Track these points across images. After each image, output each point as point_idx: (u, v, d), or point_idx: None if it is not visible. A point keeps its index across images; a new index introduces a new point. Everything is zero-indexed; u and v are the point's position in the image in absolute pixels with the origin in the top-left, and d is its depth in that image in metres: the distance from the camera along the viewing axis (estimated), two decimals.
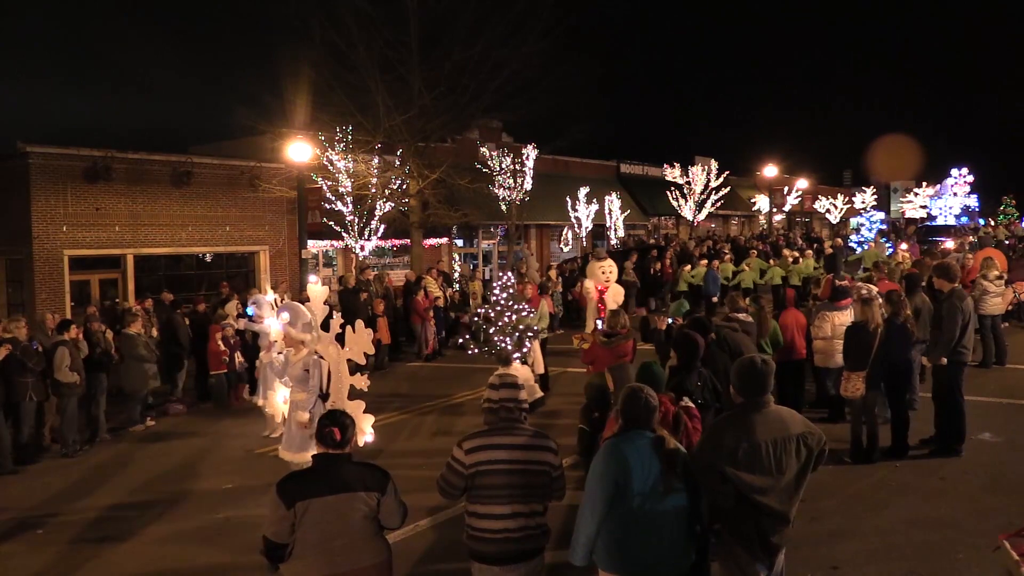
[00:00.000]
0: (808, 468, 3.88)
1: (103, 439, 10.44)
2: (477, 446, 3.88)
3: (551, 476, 3.99)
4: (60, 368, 9.65)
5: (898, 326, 7.83)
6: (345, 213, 18.48)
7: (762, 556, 3.85)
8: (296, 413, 7.26)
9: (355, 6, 18.20)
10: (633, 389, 3.94)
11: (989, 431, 8.32)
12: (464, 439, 3.94)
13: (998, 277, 12.00)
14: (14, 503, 8.11)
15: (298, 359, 7.41)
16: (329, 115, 18.23)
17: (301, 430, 7.14)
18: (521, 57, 19.19)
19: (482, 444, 3.89)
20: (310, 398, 7.27)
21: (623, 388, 4.09)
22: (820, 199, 43.00)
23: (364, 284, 15.78)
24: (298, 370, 7.35)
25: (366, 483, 3.81)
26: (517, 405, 4.02)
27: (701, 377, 5.70)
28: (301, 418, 7.17)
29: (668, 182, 30.64)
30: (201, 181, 17.84)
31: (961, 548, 5.74)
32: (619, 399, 3.98)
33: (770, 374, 3.95)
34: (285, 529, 3.72)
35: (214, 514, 7.38)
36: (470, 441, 3.92)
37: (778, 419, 3.89)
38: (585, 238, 28.01)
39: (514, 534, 3.85)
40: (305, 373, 7.32)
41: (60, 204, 15.76)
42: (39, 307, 14.78)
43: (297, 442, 7.21)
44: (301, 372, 7.34)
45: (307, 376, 7.31)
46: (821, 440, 3.91)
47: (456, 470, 3.89)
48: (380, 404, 11.55)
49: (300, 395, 7.32)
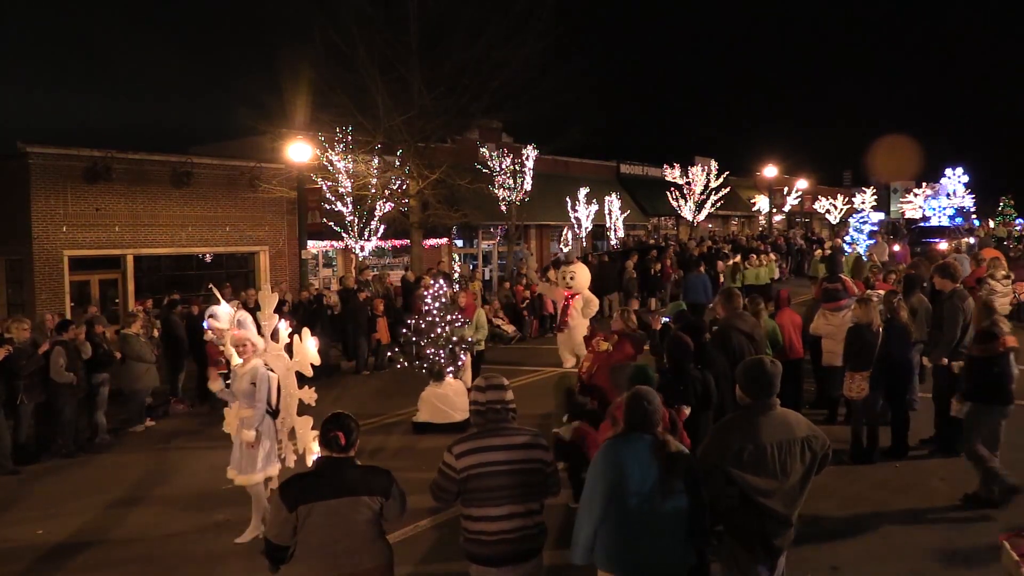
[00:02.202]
0: (812, 472, 3.87)
1: (103, 439, 10.44)
2: (467, 450, 3.86)
3: (544, 473, 3.97)
4: (55, 368, 9.64)
5: (897, 327, 7.84)
6: (345, 213, 18.48)
7: (764, 558, 3.85)
8: (242, 432, 6.57)
9: (355, 6, 18.20)
10: (638, 392, 3.93)
11: None
12: (454, 444, 3.92)
13: (1005, 277, 12.00)
14: (15, 503, 8.10)
15: (244, 371, 6.63)
16: (329, 115, 18.23)
17: (249, 449, 6.53)
18: (521, 57, 19.16)
19: (473, 448, 3.87)
20: (257, 414, 6.55)
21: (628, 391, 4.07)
22: (820, 199, 43.01)
23: (364, 284, 15.79)
24: (244, 383, 6.58)
25: (370, 487, 3.80)
26: (504, 406, 3.99)
27: (691, 379, 5.65)
28: (247, 437, 6.50)
29: (668, 182, 30.63)
30: (201, 181, 17.85)
31: (961, 548, 5.74)
32: (624, 401, 3.97)
33: (777, 376, 3.93)
34: (287, 532, 3.72)
35: (214, 515, 7.38)
36: (459, 446, 3.89)
37: (784, 422, 3.88)
38: (585, 238, 28.01)
39: (511, 535, 3.84)
40: (252, 387, 6.56)
41: (60, 204, 15.77)
42: (39, 307, 14.79)
43: (245, 463, 6.59)
44: (247, 386, 6.56)
45: (254, 390, 6.56)
46: (825, 444, 3.91)
47: (448, 476, 3.86)
48: (381, 403, 11.56)
49: (246, 411, 6.57)
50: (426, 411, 10.07)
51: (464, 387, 10.25)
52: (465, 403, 10.02)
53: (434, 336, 10.01)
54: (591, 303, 13.28)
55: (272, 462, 6.69)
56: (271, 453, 6.68)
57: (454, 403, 9.97)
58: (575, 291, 13.26)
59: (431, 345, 10.03)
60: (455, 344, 10.06)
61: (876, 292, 10.24)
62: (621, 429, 3.93)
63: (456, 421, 9.79)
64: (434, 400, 10.02)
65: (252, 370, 6.58)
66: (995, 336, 6.59)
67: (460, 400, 10.03)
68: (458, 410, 9.92)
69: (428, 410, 10.05)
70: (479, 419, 4.01)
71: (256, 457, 6.54)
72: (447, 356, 10.01)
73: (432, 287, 10.36)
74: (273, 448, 6.71)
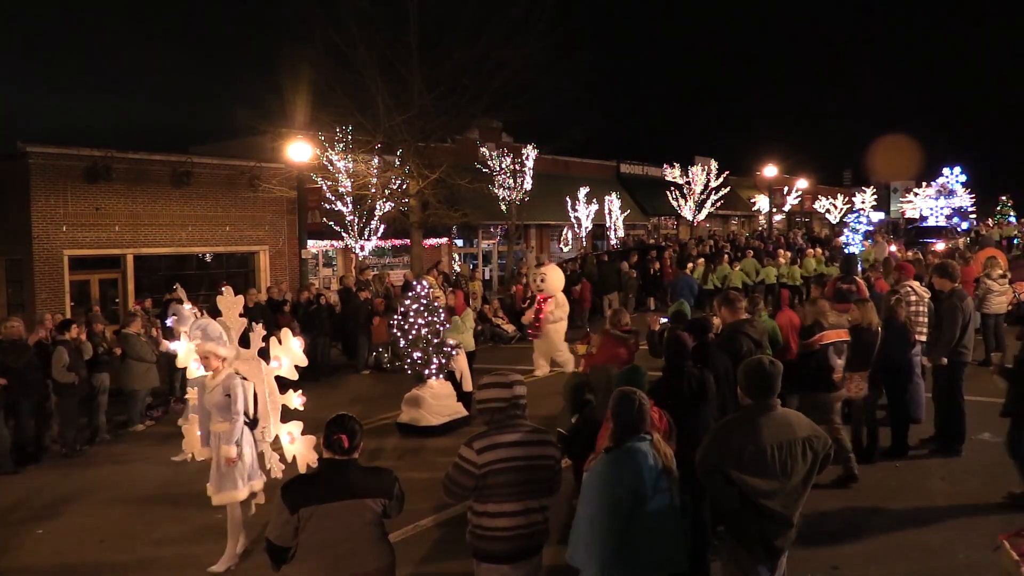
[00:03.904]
0: (814, 472, 3.85)
1: (103, 439, 10.44)
2: (488, 445, 3.85)
3: (554, 470, 4.02)
4: (57, 368, 9.64)
5: (897, 326, 7.84)
6: (345, 213, 18.49)
7: (764, 559, 3.84)
8: (221, 447, 6.14)
9: (355, 6, 18.18)
10: (624, 393, 3.88)
11: (989, 431, 8.30)
12: (472, 439, 3.90)
13: (1002, 276, 12.01)
14: (14, 503, 8.10)
15: (216, 383, 6.19)
16: (329, 115, 18.24)
17: (229, 466, 6.10)
18: (521, 57, 19.17)
19: (493, 443, 3.86)
20: (235, 428, 6.11)
21: (613, 392, 4.02)
22: (820, 199, 43.01)
23: (364, 284, 15.79)
24: (218, 395, 6.15)
25: (373, 489, 3.80)
26: (515, 402, 4.01)
27: (688, 378, 5.62)
28: (228, 453, 6.08)
29: (668, 182, 30.64)
30: (201, 181, 17.85)
31: (961, 548, 5.74)
32: (610, 404, 3.92)
33: (778, 376, 3.90)
34: (288, 533, 3.72)
35: (214, 515, 7.36)
36: (479, 441, 3.87)
37: (785, 422, 3.85)
38: (585, 238, 28.02)
39: (525, 530, 3.87)
40: (226, 399, 6.13)
41: (60, 204, 15.77)
42: (39, 307, 14.79)
43: (225, 479, 6.16)
44: (221, 398, 6.13)
45: (229, 402, 6.12)
46: (827, 444, 3.89)
47: (466, 470, 3.83)
48: (382, 403, 11.55)
49: (223, 425, 6.14)
50: (409, 413, 9.93)
51: (451, 387, 10.12)
52: (447, 406, 9.98)
53: (415, 338, 9.86)
54: (560, 307, 12.83)
55: (255, 476, 6.33)
56: (253, 466, 6.31)
57: (433, 407, 9.82)
58: (547, 294, 12.86)
59: (413, 347, 9.89)
60: (437, 346, 9.89)
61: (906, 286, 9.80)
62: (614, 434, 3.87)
63: (433, 424, 9.70)
64: (416, 402, 9.87)
65: (225, 381, 6.17)
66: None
67: (442, 403, 9.90)
68: (437, 414, 9.80)
69: (411, 412, 9.90)
70: (489, 416, 4.00)
71: (236, 473, 6.13)
72: (430, 358, 9.84)
73: (415, 288, 10.17)
74: (254, 460, 6.35)
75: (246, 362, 6.43)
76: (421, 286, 10.21)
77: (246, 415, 6.28)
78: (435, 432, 9.68)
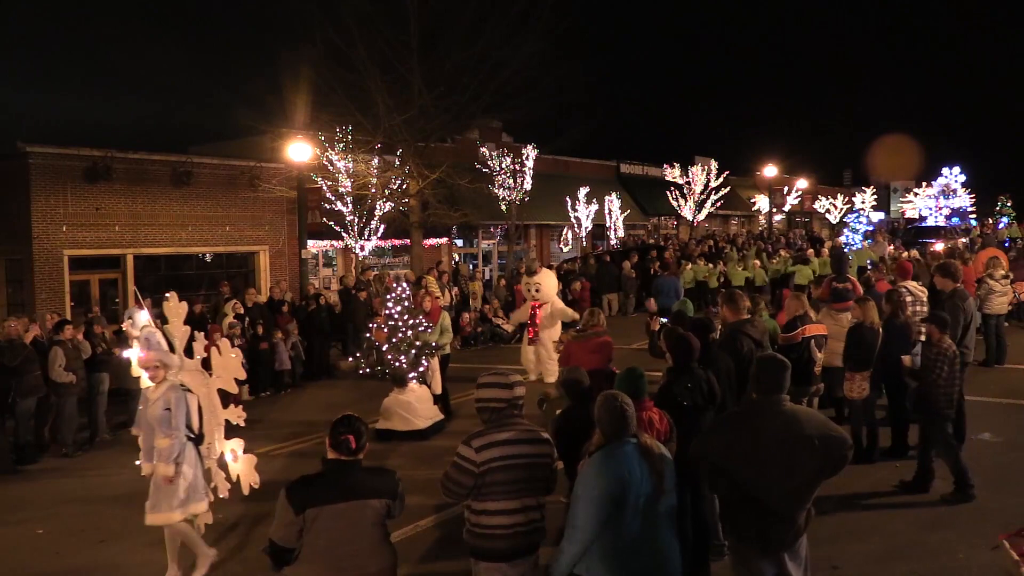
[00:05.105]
0: (823, 472, 3.75)
1: (103, 439, 10.43)
2: (487, 443, 3.84)
3: (551, 468, 4.03)
4: (54, 368, 9.63)
5: (898, 326, 7.83)
6: (345, 213, 18.49)
7: (763, 555, 3.81)
8: (158, 465, 5.75)
9: (355, 6, 18.20)
10: (607, 397, 3.82)
11: (989, 431, 8.31)
12: (471, 438, 3.90)
13: (1003, 276, 12.01)
14: (14, 503, 8.10)
15: (157, 395, 5.82)
16: (329, 115, 18.25)
17: (166, 484, 5.71)
18: (521, 57, 19.20)
19: (492, 441, 3.86)
20: (175, 444, 5.73)
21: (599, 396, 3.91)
22: (820, 199, 43.01)
23: (364, 284, 15.79)
24: (158, 409, 5.76)
25: (378, 490, 3.80)
26: (514, 402, 4.00)
27: (694, 379, 5.62)
28: (165, 471, 5.68)
29: (668, 182, 30.65)
30: (201, 181, 17.85)
31: (961, 548, 5.74)
32: (595, 407, 3.83)
33: (788, 374, 3.87)
34: (292, 534, 3.70)
35: (214, 515, 7.36)
36: (478, 439, 3.86)
37: (792, 419, 3.78)
38: (585, 238, 28.02)
39: (524, 528, 3.87)
40: (166, 412, 5.75)
41: (60, 204, 15.76)
42: (39, 307, 14.78)
43: (161, 498, 5.76)
44: (162, 411, 5.75)
45: (169, 416, 5.76)
46: (842, 444, 3.76)
47: (466, 469, 3.82)
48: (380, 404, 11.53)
49: (163, 441, 5.73)
50: (388, 418, 9.75)
51: (428, 393, 9.99)
52: (428, 410, 9.87)
53: (396, 341, 9.74)
54: (562, 312, 12.55)
55: (197, 497, 5.89)
56: (195, 486, 5.87)
57: (416, 410, 9.72)
58: (542, 302, 12.55)
59: (393, 350, 9.74)
60: (419, 349, 9.76)
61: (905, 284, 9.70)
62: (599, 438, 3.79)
63: (419, 428, 9.62)
64: (396, 407, 9.72)
65: (165, 394, 5.80)
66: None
67: (423, 407, 9.79)
68: (420, 417, 9.70)
69: (390, 417, 9.74)
70: (487, 415, 3.99)
71: (175, 492, 5.71)
72: (410, 361, 9.70)
73: (395, 290, 10.03)
74: (198, 479, 5.91)
75: (190, 373, 6.08)
76: (401, 287, 10.12)
77: (190, 430, 5.97)
78: (422, 435, 9.64)
